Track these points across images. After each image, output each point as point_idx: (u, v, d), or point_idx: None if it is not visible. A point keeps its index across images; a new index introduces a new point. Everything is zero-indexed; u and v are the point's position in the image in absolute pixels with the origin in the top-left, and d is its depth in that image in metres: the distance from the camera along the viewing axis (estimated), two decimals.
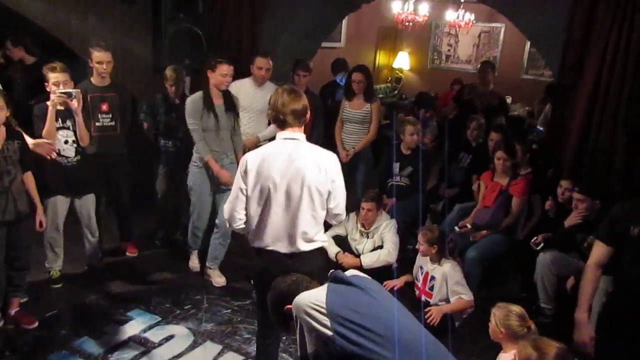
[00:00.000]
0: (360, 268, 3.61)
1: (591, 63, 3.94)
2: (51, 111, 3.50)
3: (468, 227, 4.15)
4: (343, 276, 2.16)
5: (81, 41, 4.51)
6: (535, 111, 7.30)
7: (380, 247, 3.94)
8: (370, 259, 3.87)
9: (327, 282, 2.15)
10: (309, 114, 2.68)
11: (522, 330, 2.40)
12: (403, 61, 10.10)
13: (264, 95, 4.16)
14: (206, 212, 4.14)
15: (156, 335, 3.50)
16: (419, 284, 3.67)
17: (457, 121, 5.75)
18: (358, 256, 3.93)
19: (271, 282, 2.31)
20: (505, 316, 2.44)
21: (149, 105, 4.36)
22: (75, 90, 3.57)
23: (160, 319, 3.66)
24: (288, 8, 5.35)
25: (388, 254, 3.87)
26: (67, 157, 3.72)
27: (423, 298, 3.60)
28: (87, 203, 3.93)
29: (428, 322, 3.32)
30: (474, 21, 8.70)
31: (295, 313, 2.09)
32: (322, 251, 2.79)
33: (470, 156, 4.94)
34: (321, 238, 2.73)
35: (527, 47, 8.59)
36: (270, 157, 2.56)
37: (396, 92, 9.76)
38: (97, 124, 4.06)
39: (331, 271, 2.25)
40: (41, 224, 3.49)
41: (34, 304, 3.69)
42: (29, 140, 3.38)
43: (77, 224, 4.00)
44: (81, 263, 4.16)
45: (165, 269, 4.35)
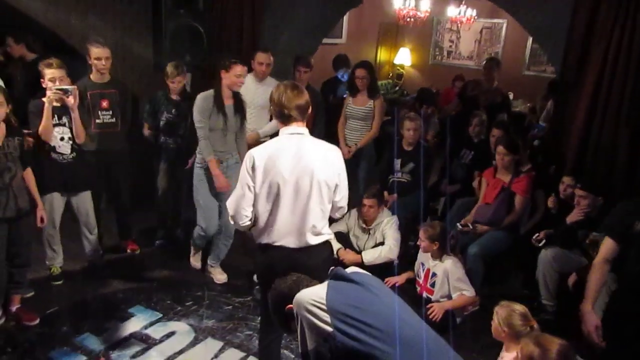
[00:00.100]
0: (361, 265, 3.61)
1: (594, 60, 3.92)
2: (47, 108, 3.46)
3: (470, 228, 4.13)
4: (344, 273, 2.16)
5: (82, 39, 4.49)
6: (537, 107, 7.27)
7: (381, 244, 3.93)
8: (371, 256, 3.87)
9: (328, 279, 2.15)
10: (311, 109, 2.68)
11: (525, 329, 2.40)
12: (404, 57, 10.06)
13: (265, 90, 4.15)
14: (214, 216, 4.00)
15: (157, 331, 3.50)
16: (420, 281, 3.67)
17: (460, 117, 5.73)
18: (359, 253, 3.94)
19: (276, 279, 2.31)
20: (508, 315, 2.44)
21: (151, 104, 4.34)
22: (71, 87, 3.54)
23: (161, 316, 3.67)
24: (288, 5, 5.33)
25: (389, 251, 3.86)
26: (63, 154, 3.69)
27: (424, 295, 3.60)
28: (84, 200, 3.91)
29: (430, 319, 3.32)
30: (476, 17, 8.65)
31: (295, 310, 2.09)
32: (328, 244, 2.79)
33: (472, 153, 4.93)
34: (328, 231, 2.73)
35: (529, 43, 8.54)
36: (277, 153, 2.54)
37: (397, 89, 9.73)
38: (97, 121, 4.04)
39: (332, 268, 2.25)
40: (42, 220, 3.50)
41: (35, 301, 3.69)
42: None
43: (76, 222, 4.00)
44: (82, 260, 4.16)
45: (166, 266, 4.35)
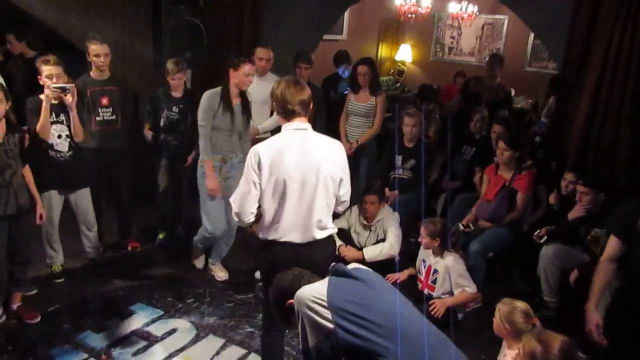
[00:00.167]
0: (362, 261, 3.60)
1: (595, 59, 3.91)
2: (45, 105, 3.43)
3: (472, 229, 4.12)
4: (344, 269, 2.15)
5: (82, 36, 4.48)
6: (540, 104, 7.26)
7: (382, 241, 3.92)
8: (372, 252, 3.86)
9: (329, 276, 2.15)
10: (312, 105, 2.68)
11: (527, 326, 2.38)
12: (405, 54, 10.03)
13: (265, 86, 4.12)
14: (221, 216, 3.90)
15: (159, 329, 3.50)
16: (422, 277, 3.66)
17: (461, 114, 5.72)
18: (360, 249, 3.92)
19: (278, 273, 2.31)
20: (509, 312, 2.43)
21: (152, 103, 4.31)
22: (69, 84, 3.52)
23: (162, 313, 3.66)
24: (289, 1, 5.32)
25: (390, 247, 3.85)
26: (61, 152, 3.67)
27: (426, 291, 3.60)
28: (82, 198, 3.89)
29: (431, 315, 3.31)
30: (477, 13, 8.63)
31: (296, 307, 2.08)
32: (332, 239, 2.79)
33: (473, 149, 4.92)
34: (332, 225, 2.74)
35: (531, 39, 8.52)
36: (283, 149, 2.53)
37: (399, 85, 9.70)
38: (98, 119, 4.02)
39: (333, 264, 2.25)
40: (41, 217, 3.49)
41: (36, 299, 3.69)
42: None
43: (75, 220, 3.99)
44: (83, 258, 4.16)
45: (167, 263, 4.35)
